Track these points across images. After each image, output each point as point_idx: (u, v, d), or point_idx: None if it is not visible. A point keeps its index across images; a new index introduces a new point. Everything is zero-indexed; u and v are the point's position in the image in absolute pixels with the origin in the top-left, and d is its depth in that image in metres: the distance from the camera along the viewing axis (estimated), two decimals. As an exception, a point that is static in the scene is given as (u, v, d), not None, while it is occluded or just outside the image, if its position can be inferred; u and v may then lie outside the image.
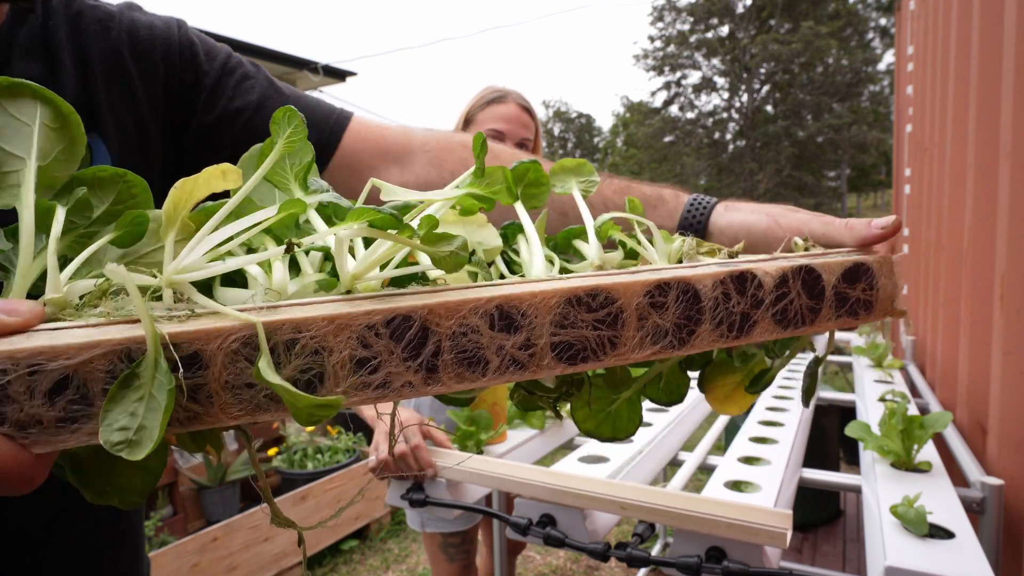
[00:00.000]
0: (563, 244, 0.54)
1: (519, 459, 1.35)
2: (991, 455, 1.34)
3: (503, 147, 0.78)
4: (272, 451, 3.36)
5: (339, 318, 0.33)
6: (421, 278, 0.41)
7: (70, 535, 0.67)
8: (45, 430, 0.31)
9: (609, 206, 0.66)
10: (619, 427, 0.49)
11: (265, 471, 3.31)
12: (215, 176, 0.36)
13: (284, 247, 0.35)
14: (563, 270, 0.48)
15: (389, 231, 0.37)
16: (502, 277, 0.49)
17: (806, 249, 0.50)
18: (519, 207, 0.51)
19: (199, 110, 0.71)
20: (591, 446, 1.33)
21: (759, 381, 0.51)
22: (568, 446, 1.54)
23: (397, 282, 0.40)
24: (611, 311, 0.39)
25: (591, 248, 0.48)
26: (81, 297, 0.35)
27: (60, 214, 0.37)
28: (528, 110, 1.71)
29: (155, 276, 0.35)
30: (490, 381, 0.37)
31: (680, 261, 0.47)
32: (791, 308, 0.45)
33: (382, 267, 0.39)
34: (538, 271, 0.44)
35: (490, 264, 0.49)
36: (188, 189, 0.36)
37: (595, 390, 0.48)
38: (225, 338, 0.32)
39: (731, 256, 0.48)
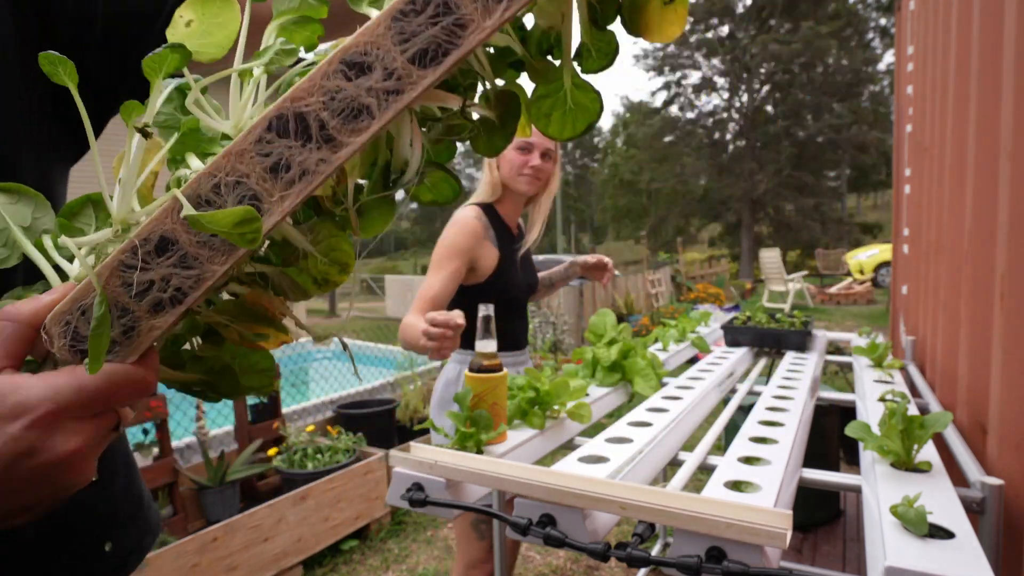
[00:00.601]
0: None
1: (519, 459, 1.35)
2: (991, 455, 1.34)
3: None
4: (272, 451, 3.36)
5: (233, 149, 0.40)
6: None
7: None
8: (127, 337, 0.41)
9: None
10: (592, 113, 0.47)
11: (264, 471, 3.31)
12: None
13: (142, 133, 0.42)
14: None
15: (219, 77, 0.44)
16: None
17: None
18: None
19: (81, 21, 0.64)
20: (591, 446, 1.33)
21: None
22: (568, 446, 1.53)
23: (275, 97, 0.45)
24: (438, 2, 0.39)
25: None
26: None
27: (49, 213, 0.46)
28: None
29: (111, 226, 0.43)
30: (384, 118, 0.40)
31: None
32: None
33: (257, 92, 0.45)
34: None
35: None
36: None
37: (537, 99, 0.47)
38: (170, 214, 0.40)
39: None
